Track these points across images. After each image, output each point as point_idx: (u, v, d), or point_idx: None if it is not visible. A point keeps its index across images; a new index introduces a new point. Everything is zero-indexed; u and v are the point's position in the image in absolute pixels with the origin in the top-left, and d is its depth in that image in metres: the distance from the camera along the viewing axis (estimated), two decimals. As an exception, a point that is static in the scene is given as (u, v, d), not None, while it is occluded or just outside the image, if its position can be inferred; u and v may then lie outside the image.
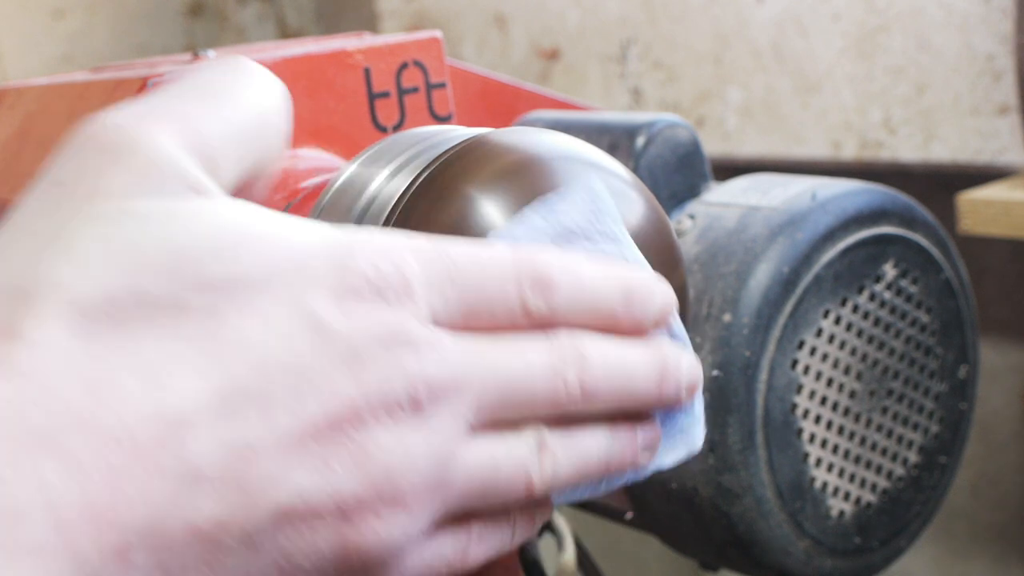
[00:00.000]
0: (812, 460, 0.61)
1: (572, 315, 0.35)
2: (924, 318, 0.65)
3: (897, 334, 0.64)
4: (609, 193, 0.38)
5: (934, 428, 0.66)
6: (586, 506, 0.71)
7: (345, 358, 0.31)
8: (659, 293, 0.36)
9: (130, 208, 0.30)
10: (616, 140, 0.65)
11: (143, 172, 0.30)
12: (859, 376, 0.62)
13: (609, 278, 0.35)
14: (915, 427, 0.65)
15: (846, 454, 0.62)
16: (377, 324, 0.31)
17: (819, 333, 0.60)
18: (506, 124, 0.70)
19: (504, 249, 0.34)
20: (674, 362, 0.37)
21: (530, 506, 0.37)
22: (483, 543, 0.36)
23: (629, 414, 0.37)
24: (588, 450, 0.36)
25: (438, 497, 0.32)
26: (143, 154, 0.31)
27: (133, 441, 0.27)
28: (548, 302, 0.34)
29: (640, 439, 0.37)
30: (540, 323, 0.34)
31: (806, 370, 0.60)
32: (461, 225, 0.37)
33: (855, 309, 0.62)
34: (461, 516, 0.35)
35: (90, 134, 0.31)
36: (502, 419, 0.34)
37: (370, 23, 1.83)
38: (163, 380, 0.28)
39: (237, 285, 0.30)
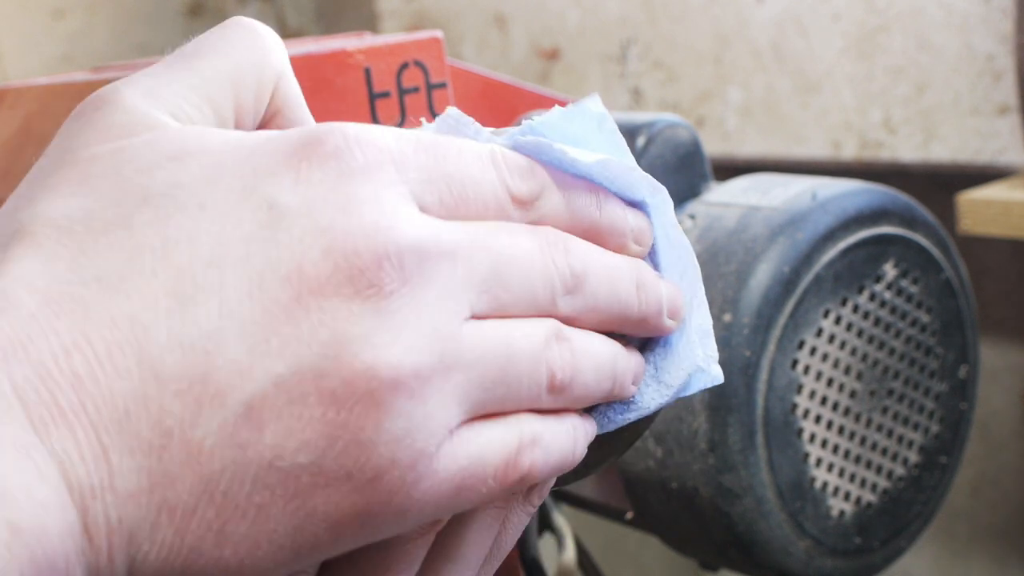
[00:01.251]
0: (812, 460, 0.61)
1: (552, 210, 0.33)
2: (924, 318, 0.65)
3: (897, 334, 0.64)
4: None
5: (934, 428, 0.66)
6: (586, 506, 0.71)
7: (307, 230, 0.29)
8: (632, 213, 0.35)
9: (94, 151, 0.31)
10: (616, 140, 0.65)
11: (111, 119, 0.32)
12: (859, 376, 0.62)
13: (580, 181, 0.34)
14: (915, 427, 0.65)
15: (846, 454, 0.62)
16: (341, 193, 0.29)
17: (819, 333, 0.60)
18: (506, 124, 0.70)
19: (479, 144, 0.33)
20: (651, 278, 0.35)
21: (580, 412, 0.34)
22: (540, 447, 0.32)
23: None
24: (599, 349, 0.34)
25: (450, 383, 0.30)
26: (114, 111, 0.32)
27: (91, 347, 0.28)
28: (528, 185, 0.33)
29: (634, 361, 0.36)
30: (525, 207, 0.33)
31: (806, 370, 0.60)
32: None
33: (855, 309, 0.62)
34: (503, 411, 0.32)
35: (82, 104, 0.34)
36: (506, 301, 0.31)
37: (370, 23, 1.83)
38: (116, 285, 0.28)
39: (183, 187, 0.30)
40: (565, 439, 0.33)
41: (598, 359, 0.34)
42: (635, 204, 0.36)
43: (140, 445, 0.28)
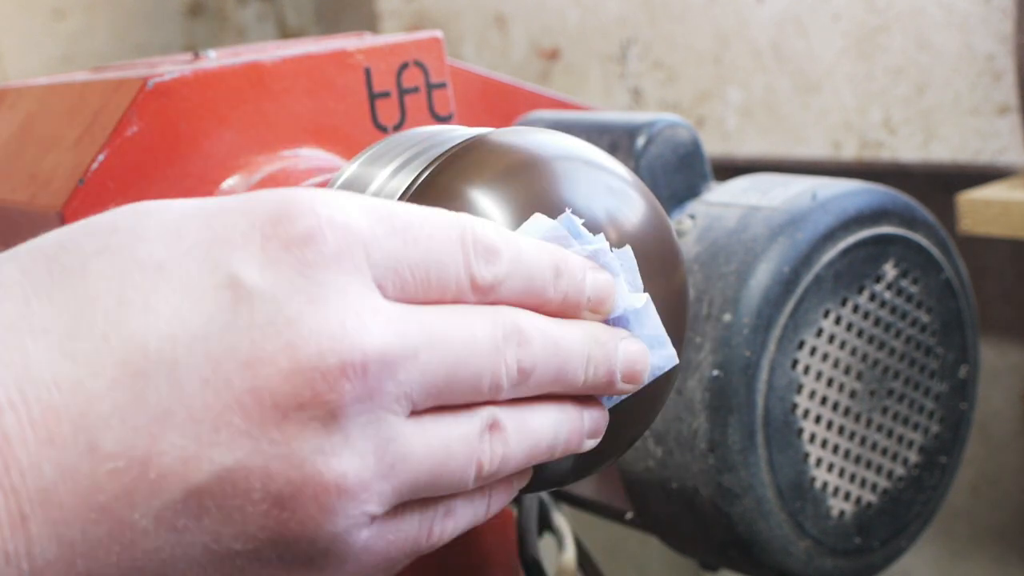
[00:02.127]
0: (812, 460, 0.61)
1: (511, 291, 0.33)
2: (924, 318, 0.65)
3: (897, 334, 0.64)
4: (610, 193, 0.38)
5: (934, 428, 0.66)
6: (586, 506, 0.71)
7: (271, 320, 0.28)
8: (592, 278, 0.35)
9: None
10: (616, 140, 0.65)
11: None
12: (859, 376, 0.62)
13: (543, 252, 0.34)
14: (915, 427, 0.65)
15: (846, 454, 0.62)
16: (310, 281, 0.28)
17: (819, 333, 0.60)
18: (506, 124, 0.70)
19: (450, 215, 0.32)
20: (611, 344, 0.35)
21: (507, 477, 0.35)
22: (451, 518, 0.33)
23: (576, 397, 0.35)
24: (537, 428, 0.34)
25: (387, 485, 0.30)
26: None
27: (27, 407, 0.26)
28: (492, 271, 0.32)
29: (587, 421, 0.36)
30: (484, 293, 0.32)
31: (806, 370, 0.60)
32: (461, 225, 0.37)
33: (855, 309, 0.62)
34: (425, 497, 0.32)
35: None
36: (449, 399, 0.31)
37: (370, 23, 1.83)
38: (61, 345, 0.27)
39: (143, 243, 0.29)
40: (479, 509, 0.34)
41: (535, 439, 0.34)
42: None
43: (64, 517, 0.27)
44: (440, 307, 0.31)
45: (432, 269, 0.31)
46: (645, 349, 0.37)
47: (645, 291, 0.38)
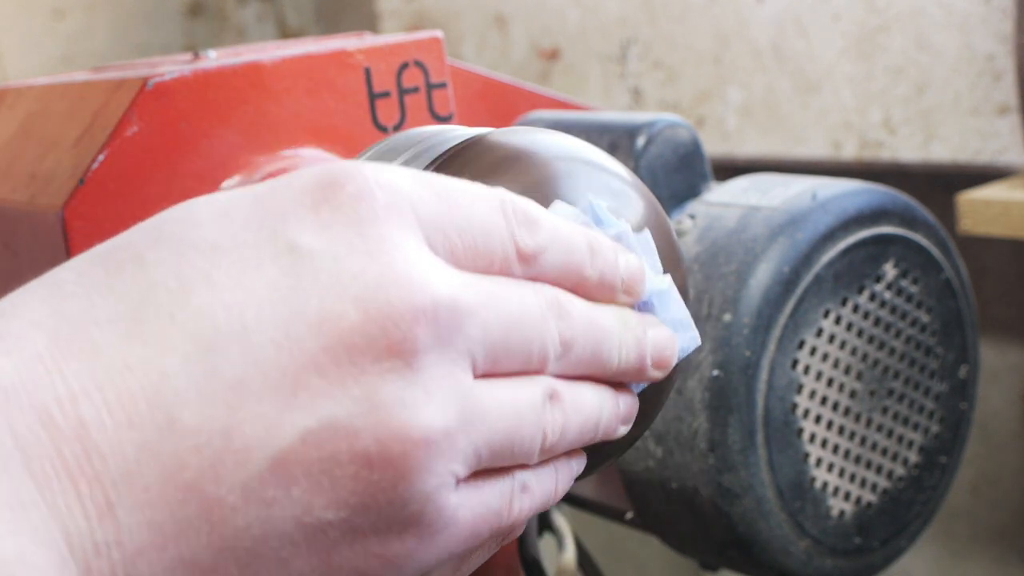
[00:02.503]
0: (812, 460, 0.61)
1: (551, 265, 0.33)
2: (924, 318, 0.65)
3: (897, 334, 0.64)
4: (610, 194, 0.38)
5: (934, 428, 0.66)
6: (586, 506, 0.71)
7: (334, 277, 0.28)
8: (624, 259, 0.35)
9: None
10: (616, 140, 0.65)
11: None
12: (859, 376, 0.62)
13: (576, 230, 0.34)
14: (915, 427, 0.65)
15: (846, 454, 0.62)
16: (363, 236, 0.28)
17: (819, 333, 0.60)
18: (506, 124, 0.70)
19: (485, 187, 0.33)
20: (640, 328, 0.35)
21: (564, 455, 0.35)
22: (528, 494, 0.33)
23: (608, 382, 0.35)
24: (587, 405, 0.34)
25: (469, 441, 0.30)
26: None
27: (101, 392, 0.26)
28: (535, 239, 0.32)
29: (622, 406, 0.36)
30: (528, 261, 0.32)
31: (806, 370, 0.60)
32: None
33: (855, 309, 0.62)
34: (501, 467, 0.32)
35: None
36: (504, 362, 0.31)
37: (370, 23, 1.83)
38: (128, 328, 0.27)
39: (195, 226, 0.29)
40: (549, 485, 0.34)
41: (585, 415, 0.34)
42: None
43: (151, 499, 0.26)
44: (486, 277, 0.31)
45: (478, 234, 0.31)
46: (673, 336, 0.37)
47: (665, 273, 0.38)
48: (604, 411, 0.35)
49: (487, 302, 0.30)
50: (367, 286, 0.28)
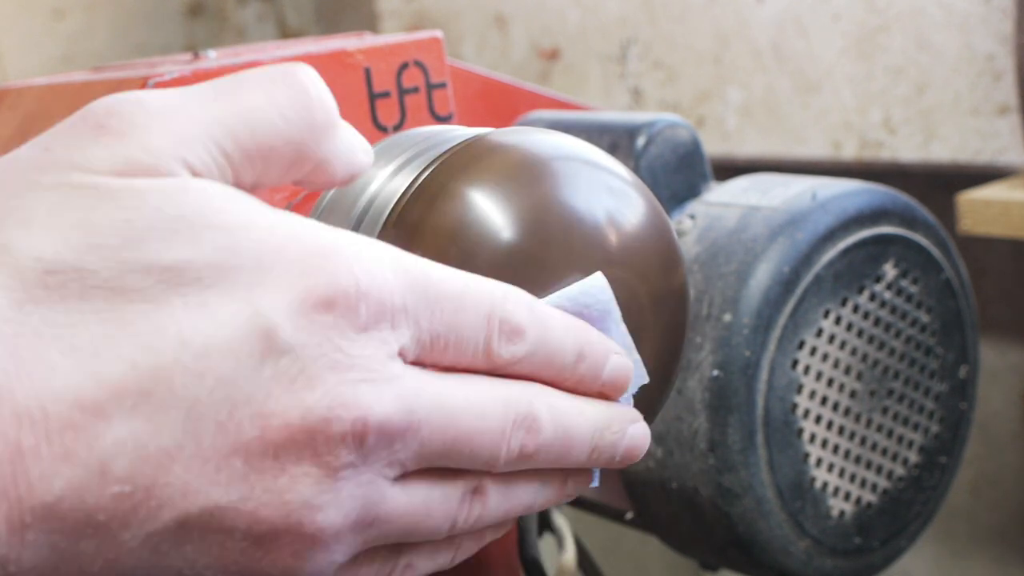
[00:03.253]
0: (812, 460, 0.61)
1: (530, 366, 0.34)
2: (924, 318, 0.65)
3: (897, 334, 0.64)
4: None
5: (934, 428, 0.66)
6: (586, 506, 0.71)
7: (292, 377, 0.29)
8: (613, 362, 0.36)
9: (96, 182, 0.29)
10: (616, 140, 0.65)
11: (124, 153, 0.29)
12: (859, 376, 0.62)
13: (569, 334, 0.35)
14: (915, 427, 0.65)
15: (846, 454, 0.62)
16: (336, 348, 0.29)
17: (819, 333, 0.60)
18: (506, 124, 0.70)
19: (484, 284, 0.33)
20: (616, 429, 0.36)
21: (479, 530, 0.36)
22: (412, 571, 0.34)
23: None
24: (520, 499, 0.35)
25: (360, 537, 0.31)
26: (131, 138, 0.30)
27: (46, 422, 0.27)
28: (512, 350, 0.33)
29: (569, 488, 0.37)
30: (499, 369, 0.33)
31: (806, 370, 0.60)
32: (461, 225, 0.37)
33: (855, 309, 0.62)
34: (391, 545, 0.33)
35: (92, 109, 0.31)
36: (442, 467, 0.32)
37: (370, 23, 1.83)
38: (88, 363, 0.27)
39: (187, 273, 0.28)
40: (440, 561, 0.35)
41: (513, 504, 0.35)
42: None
43: (62, 529, 0.27)
44: (457, 377, 0.32)
45: (452, 339, 0.32)
46: (647, 431, 0.37)
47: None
48: (540, 499, 0.36)
49: (434, 417, 0.31)
50: (315, 395, 0.29)
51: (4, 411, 0.26)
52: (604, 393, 0.36)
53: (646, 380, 0.38)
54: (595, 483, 0.38)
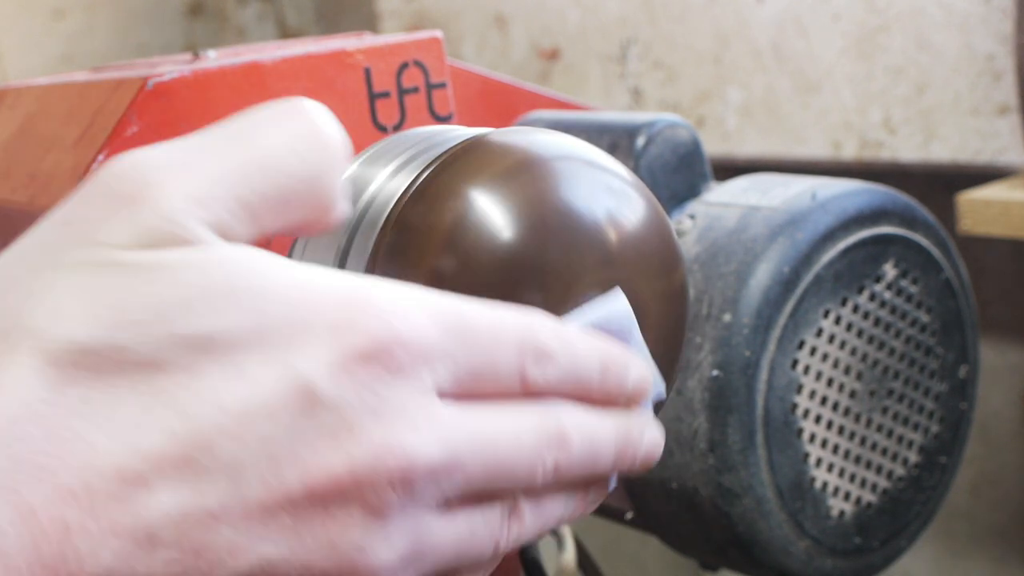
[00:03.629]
0: (812, 460, 0.61)
1: (560, 388, 0.35)
2: (924, 318, 0.65)
3: (897, 334, 0.64)
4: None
5: (934, 428, 0.66)
6: (586, 506, 0.71)
7: (335, 430, 0.29)
8: (634, 374, 0.37)
9: (121, 259, 0.29)
10: (616, 140, 0.65)
11: (144, 223, 0.29)
12: (859, 376, 0.62)
13: (592, 352, 0.35)
14: (915, 427, 0.65)
15: (846, 454, 0.62)
16: (376, 396, 0.30)
17: (819, 333, 0.60)
18: (506, 124, 0.70)
19: (512, 314, 0.34)
20: (636, 436, 0.37)
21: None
22: None
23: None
24: (551, 513, 0.36)
25: (411, 569, 0.32)
26: (149, 205, 0.29)
27: (90, 497, 0.27)
28: (545, 374, 0.34)
29: (591, 497, 0.37)
30: (533, 393, 0.34)
31: (806, 370, 0.60)
32: (461, 225, 0.37)
33: (855, 309, 0.62)
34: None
35: (108, 175, 0.30)
36: (482, 493, 0.33)
37: (370, 23, 1.83)
38: (127, 436, 0.27)
39: (221, 340, 0.28)
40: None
41: (546, 519, 0.36)
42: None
43: None
44: (492, 407, 0.33)
45: (488, 372, 0.33)
46: (663, 434, 0.38)
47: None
48: (567, 513, 0.37)
49: (474, 449, 0.32)
50: (358, 444, 0.29)
51: (48, 491, 0.26)
52: (626, 403, 0.37)
53: (663, 387, 0.39)
54: (611, 488, 0.38)
